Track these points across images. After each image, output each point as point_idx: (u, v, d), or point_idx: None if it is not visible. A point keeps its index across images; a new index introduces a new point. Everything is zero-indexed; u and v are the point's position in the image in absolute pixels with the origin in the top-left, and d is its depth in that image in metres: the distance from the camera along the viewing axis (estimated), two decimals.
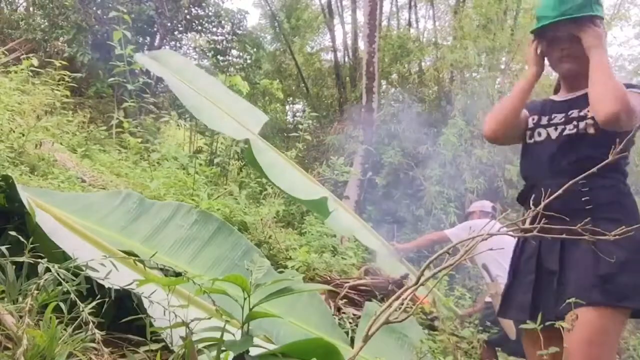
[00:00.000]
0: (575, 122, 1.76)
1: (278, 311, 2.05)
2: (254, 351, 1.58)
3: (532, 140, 1.88)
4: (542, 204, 1.44)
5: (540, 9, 1.85)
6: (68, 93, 5.78)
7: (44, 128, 4.60)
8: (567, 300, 1.50)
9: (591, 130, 1.72)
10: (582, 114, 1.76)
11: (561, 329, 1.45)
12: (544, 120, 1.86)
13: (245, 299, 1.56)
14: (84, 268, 1.56)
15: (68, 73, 5.92)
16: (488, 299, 3.68)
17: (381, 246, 4.05)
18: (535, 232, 1.40)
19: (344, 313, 3.26)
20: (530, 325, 1.53)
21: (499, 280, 3.60)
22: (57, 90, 5.56)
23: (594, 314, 1.54)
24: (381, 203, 9.09)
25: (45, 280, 1.44)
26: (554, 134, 1.81)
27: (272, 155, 4.02)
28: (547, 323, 1.55)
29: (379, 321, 1.37)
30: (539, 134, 1.85)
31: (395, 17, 11.79)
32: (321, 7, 12.58)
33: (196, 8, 9.49)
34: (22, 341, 1.26)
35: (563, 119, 1.81)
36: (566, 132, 1.77)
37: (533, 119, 1.90)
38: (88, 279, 1.56)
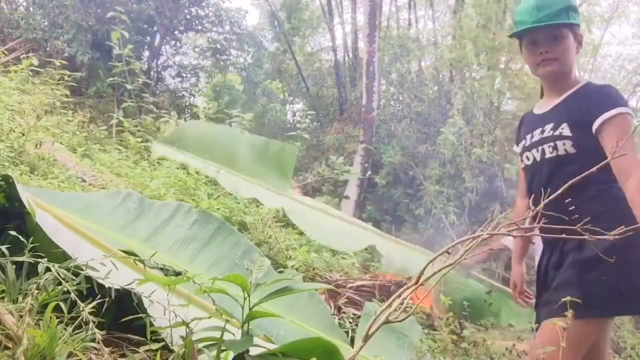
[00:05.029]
0: (552, 143, 1.78)
1: (278, 311, 2.05)
2: (254, 351, 1.58)
3: (523, 165, 1.95)
4: (542, 203, 1.45)
5: (518, 14, 1.88)
6: (68, 93, 5.77)
7: (44, 128, 4.59)
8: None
9: (572, 150, 1.74)
10: (557, 132, 1.77)
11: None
12: (529, 141, 1.90)
13: (245, 298, 1.56)
14: (84, 268, 1.57)
15: (68, 72, 5.91)
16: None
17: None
18: (535, 232, 1.40)
19: (344, 313, 3.26)
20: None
21: None
22: (57, 89, 5.54)
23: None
24: (381, 203, 9.09)
25: (46, 279, 1.44)
26: (537, 157, 1.85)
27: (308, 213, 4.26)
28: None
29: (379, 321, 1.37)
30: (527, 158, 1.91)
31: (395, 17, 11.77)
32: (321, 7, 12.56)
33: (196, 8, 9.48)
34: (22, 341, 1.26)
35: (539, 137, 1.84)
36: (547, 155, 1.80)
37: (524, 142, 1.94)
38: (88, 279, 1.56)
